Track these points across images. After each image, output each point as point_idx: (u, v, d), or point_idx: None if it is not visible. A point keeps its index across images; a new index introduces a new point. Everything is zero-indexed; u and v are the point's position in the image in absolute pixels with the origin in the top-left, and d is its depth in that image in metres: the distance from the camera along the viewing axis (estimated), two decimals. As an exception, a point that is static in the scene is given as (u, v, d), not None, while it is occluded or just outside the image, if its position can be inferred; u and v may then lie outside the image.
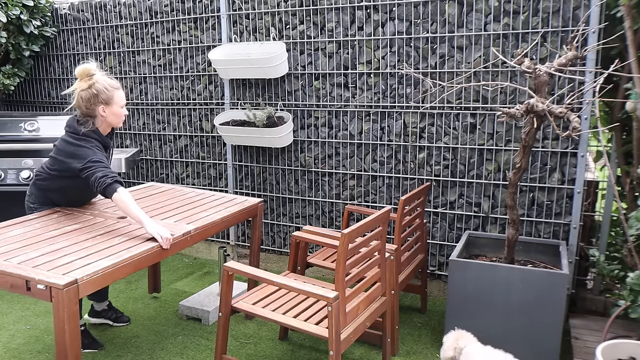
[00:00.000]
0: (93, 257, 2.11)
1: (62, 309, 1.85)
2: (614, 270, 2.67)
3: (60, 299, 1.84)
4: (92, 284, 1.97)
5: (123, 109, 2.64)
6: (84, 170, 2.46)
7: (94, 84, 2.53)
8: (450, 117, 3.27)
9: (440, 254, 3.46)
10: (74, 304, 1.89)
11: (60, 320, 1.87)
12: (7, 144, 3.78)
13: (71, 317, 1.88)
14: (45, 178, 2.67)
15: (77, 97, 2.56)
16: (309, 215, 3.84)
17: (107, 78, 2.61)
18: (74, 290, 1.88)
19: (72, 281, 1.87)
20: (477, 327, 2.37)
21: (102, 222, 2.61)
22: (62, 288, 1.84)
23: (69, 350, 1.89)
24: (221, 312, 2.44)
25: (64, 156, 2.56)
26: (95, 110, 2.56)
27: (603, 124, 3.04)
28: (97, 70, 2.59)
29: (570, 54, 2.40)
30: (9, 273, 1.94)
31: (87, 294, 1.97)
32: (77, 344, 1.93)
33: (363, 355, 2.84)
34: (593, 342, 2.63)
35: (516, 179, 2.62)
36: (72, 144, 2.55)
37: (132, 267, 2.18)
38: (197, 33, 4.03)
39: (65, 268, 1.98)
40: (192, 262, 4.27)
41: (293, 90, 3.74)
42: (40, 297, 1.89)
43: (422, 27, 3.26)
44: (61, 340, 1.89)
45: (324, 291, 2.20)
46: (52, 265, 2.02)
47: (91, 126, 2.57)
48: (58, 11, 4.65)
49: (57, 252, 2.16)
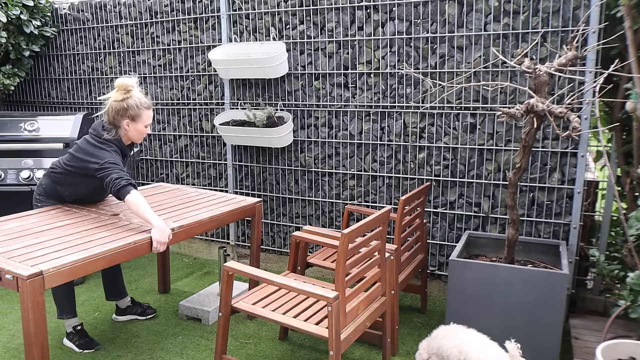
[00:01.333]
0: (67, 251, 2.17)
1: (26, 298, 1.93)
2: (614, 270, 2.67)
3: (24, 289, 1.92)
4: (59, 276, 2.04)
5: (147, 128, 2.75)
6: (100, 170, 2.56)
7: (127, 99, 2.65)
8: (450, 117, 3.27)
9: (440, 254, 3.46)
10: (39, 294, 1.96)
11: (25, 309, 1.94)
12: (7, 144, 3.78)
13: (35, 307, 1.95)
14: (61, 172, 2.75)
15: (109, 106, 2.68)
16: (309, 215, 3.84)
17: (142, 95, 2.71)
18: (39, 281, 1.96)
19: (37, 272, 1.95)
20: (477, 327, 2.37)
21: (94, 218, 2.67)
22: (25, 279, 1.92)
23: (34, 340, 1.98)
24: (221, 312, 2.44)
25: (82, 154, 2.65)
26: (120, 122, 2.68)
27: (603, 124, 3.04)
28: (135, 86, 2.70)
29: (570, 54, 2.40)
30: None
31: (53, 285, 2.03)
32: (42, 333, 2.01)
33: (363, 355, 2.84)
34: (593, 342, 2.63)
35: (516, 179, 2.62)
36: (93, 145, 2.66)
37: (104, 261, 2.24)
38: (197, 33, 4.03)
39: (37, 260, 2.06)
40: (192, 262, 4.28)
41: (293, 90, 3.74)
42: (9, 286, 1.97)
43: (422, 27, 3.26)
44: (27, 329, 1.97)
45: (324, 291, 2.20)
46: (27, 257, 2.09)
47: (114, 135, 2.69)
48: (58, 11, 4.65)
49: (38, 245, 2.23)
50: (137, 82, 2.74)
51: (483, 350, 2.12)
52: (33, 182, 3.70)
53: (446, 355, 2.21)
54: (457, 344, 2.19)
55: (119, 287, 3.23)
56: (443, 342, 2.25)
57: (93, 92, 4.67)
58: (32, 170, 3.73)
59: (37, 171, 3.73)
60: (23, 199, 3.69)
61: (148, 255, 4.39)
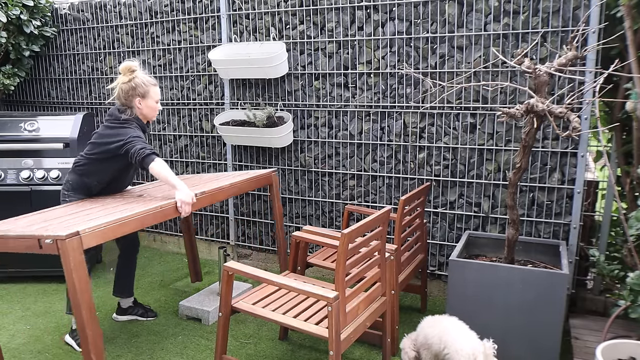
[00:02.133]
0: (103, 219, 2.27)
1: (68, 258, 2.00)
2: (614, 270, 2.67)
3: (64, 249, 2.00)
4: (95, 236, 2.13)
5: (158, 103, 2.87)
6: (125, 145, 2.66)
7: (133, 79, 2.76)
8: (450, 117, 3.27)
9: (440, 254, 3.46)
10: (79, 253, 2.04)
11: (68, 269, 2.01)
12: (7, 144, 3.78)
13: (78, 266, 2.03)
14: (84, 163, 2.84)
15: (118, 89, 2.79)
16: (309, 215, 3.84)
17: (146, 75, 2.84)
18: (77, 241, 2.04)
19: (74, 232, 2.04)
20: (477, 327, 2.37)
21: (122, 199, 2.78)
22: (64, 238, 1.99)
23: (80, 298, 2.02)
24: (221, 312, 2.44)
25: (104, 138, 2.76)
26: (132, 101, 2.78)
27: (603, 124, 3.04)
28: (138, 67, 2.82)
29: (570, 54, 2.40)
30: (23, 236, 2.14)
31: (90, 245, 2.10)
32: (88, 292, 2.06)
33: (363, 355, 2.84)
34: (593, 342, 2.63)
35: (516, 179, 2.62)
36: (114, 127, 2.76)
37: (135, 223, 2.34)
38: (197, 33, 4.03)
39: (73, 227, 2.14)
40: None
41: (293, 90, 3.74)
42: (49, 251, 2.05)
43: (422, 27, 3.26)
44: (72, 289, 2.02)
45: (324, 291, 2.20)
46: (65, 225, 2.20)
47: (130, 114, 2.79)
48: (58, 11, 4.65)
49: (73, 220, 2.33)
50: (140, 64, 2.85)
51: (461, 339, 2.25)
52: (33, 182, 3.71)
53: (430, 343, 2.35)
54: (438, 332, 2.33)
55: (128, 284, 3.24)
56: (428, 331, 2.39)
57: (93, 92, 4.67)
58: (32, 170, 3.73)
59: (37, 171, 3.73)
60: (23, 199, 3.69)
61: (148, 255, 4.39)
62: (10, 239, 2.18)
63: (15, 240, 2.17)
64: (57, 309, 3.42)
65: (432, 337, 2.36)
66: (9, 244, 2.19)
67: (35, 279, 3.86)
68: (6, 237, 2.19)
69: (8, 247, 2.20)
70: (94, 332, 2.06)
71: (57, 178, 3.72)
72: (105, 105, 4.62)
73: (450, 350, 2.25)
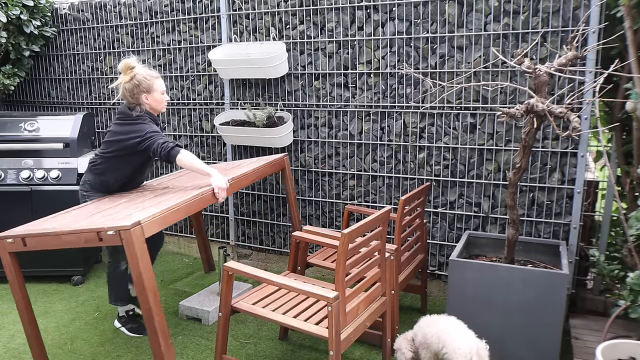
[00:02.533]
0: (150, 210, 2.36)
1: (132, 247, 2.10)
2: (614, 270, 2.67)
3: (129, 238, 2.09)
4: (153, 224, 2.23)
5: (164, 95, 2.89)
6: (145, 141, 2.69)
7: (135, 76, 2.76)
8: (450, 117, 3.27)
9: (440, 254, 3.46)
10: (142, 242, 2.13)
11: (133, 257, 2.10)
12: (7, 144, 3.78)
13: (142, 254, 2.12)
14: (101, 162, 2.88)
15: (122, 89, 2.80)
16: (309, 215, 3.84)
17: (146, 68, 2.83)
18: (140, 230, 2.13)
19: (136, 222, 2.13)
20: (477, 327, 2.37)
21: (149, 192, 2.87)
22: (129, 228, 2.08)
23: (146, 284, 2.11)
24: (221, 312, 2.44)
25: (120, 135, 2.78)
26: (139, 98, 2.80)
27: (603, 124, 3.04)
28: (136, 63, 2.81)
29: (570, 54, 2.40)
30: (81, 230, 2.22)
31: (151, 234, 2.19)
32: (152, 279, 2.16)
33: (363, 355, 2.84)
34: (593, 342, 2.63)
35: (516, 179, 2.62)
36: (128, 124, 2.78)
37: (184, 210, 2.46)
38: (197, 33, 4.03)
39: (128, 218, 2.24)
40: (192, 262, 4.27)
41: (293, 90, 3.74)
42: (111, 242, 2.14)
43: (422, 27, 3.26)
44: (138, 277, 2.11)
45: (324, 291, 2.20)
46: (116, 218, 2.30)
47: (140, 111, 2.81)
48: (58, 11, 4.65)
49: (117, 214, 2.41)
50: (137, 59, 2.84)
51: (459, 338, 2.26)
52: (33, 182, 3.71)
53: (429, 342, 2.37)
54: (436, 332, 2.35)
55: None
56: (427, 330, 2.41)
57: (93, 92, 4.67)
58: (32, 170, 3.73)
59: (37, 171, 3.73)
60: (23, 199, 3.69)
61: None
62: (64, 235, 2.26)
63: (70, 235, 2.25)
64: (57, 309, 3.42)
65: (430, 337, 2.37)
66: (62, 239, 2.27)
67: (35, 279, 3.86)
68: (60, 232, 2.26)
69: (61, 242, 2.29)
70: (160, 317, 2.16)
71: (57, 178, 3.72)
72: (105, 105, 4.62)
73: (449, 349, 2.26)
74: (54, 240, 2.29)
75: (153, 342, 2.17)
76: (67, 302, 3.50)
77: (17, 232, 2.41)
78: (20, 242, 2.37)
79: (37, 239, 2.33)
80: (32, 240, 2.35)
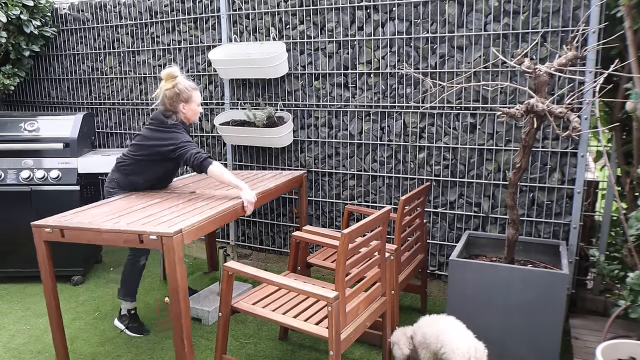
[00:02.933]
0: (186, 215, 2.50)
1: (172, 253, 2.23)
2: (614, 270, 2.66)
3: (170, 245, 2.23)
4: (192, 233, 2.37)
5: (199, 107, 3.02)
6: (178, 149, 2.82)
7: (176, 85, 2.89)
8: (450, 117, 3.26)
9: (440, 254, 3.46)
10: (180, 249, 2.28)
11: (171, 263, 2.25)
12: (7, 144, 3.78)
13: (179, 260, 2.26)
14: (130, 164, 2.98)
15: (162, 96, 2.93)
16: (309, 215, 3.84)
17: (187, 80, 2.96)
18: (180, 238, 2.27)
19: (178, 230, 2.26)
20: (477, 327, 2.37)
21: (177, 196, 2.97)
22: (172, 236, 2.22)
23: (181, 290, 2.28)
24: (221, 312, 2.44)
25: (153, 141, 2.90)
26: (177, 107, 2.92)
27: (603, 124, 3.03)
28: (179, 73, 2.93)
29: (570, 54, 2.40)
30: (123, 230, 2.32)
31: (188, 242, 2.33)
32: (185, 284, 2.31)
33: (363, 355, 2.84)
34: (593, 342, 2.63)
35: (516, 179, 2.62)
36: (163, 131, 2.89)
37: (220, 220, 2.60)
38: (197, 33, 4.03)
39: (168, 223, 2.36)
40: (192, 262, 4.27)
41: (293, 90, 3.74)
42: (151, 246, 2.28)
43: (422, 27, 3.26)
44: (174, 281, 2.26)
45: (324, 291, 2.20)
46: (156, 223, 2.39)
47: (176, 119, 2.93)
48: (58, 11, 4.65)
49: (153, 216, 2.51)
50: (180, 69, 2.95)
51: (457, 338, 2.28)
52: (33, 182, 3.70)
53: (428, 342, 2.39)
54: (435, 332, 2.37)
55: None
56: (426, 330, 2.43)
57: (93, 92, 4.67)
58: (32, 170, 3.73)
59: (37, 171, 3.73)
60: (23, 199, 3.70)
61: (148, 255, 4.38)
62: (105, 232, 2.36)
63: (111, 233, 2.35)
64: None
65: (430, 337, 2.38)
66: (102, 236, 2.37)
67: (36, 279, 3.85)
68: (102, 230, 2.36)
69: (100, 239, 2.40)
70: (186, 319, 2.31)
71: (57, 178, 3.72)
72: (105, 105, 4.62)
73: (447, 349, 2.27)
74: (94, 236, 2.39)
75: (178, 343, 2.31)
76: (67, 302, 3.50)
77: (54, 223, 2.50)
78: (58, 232, 2.47)
79: (77, 232, 2.43)
80: (70, 232, 2.44)
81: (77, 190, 3.72)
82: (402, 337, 2.54)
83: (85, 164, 3.78)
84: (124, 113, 4.55)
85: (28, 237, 2.43)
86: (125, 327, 3.10)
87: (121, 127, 4.60)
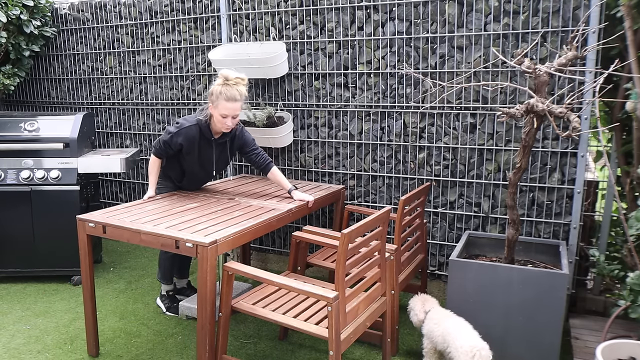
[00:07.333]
0: (223, 225, 2.57)
1: (205, 262, 2.31)
2: (614, 270, 2.67)
3: (204, 254, 2.31)
4: (226, 245, 2.43)
5: (226, 119, 2.87)
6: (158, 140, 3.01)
7: (217, 85, 2.89)
8: (450, 117, 3.27)
9: (440, 254, 3.46)
10: (214, 259, 2.35)
11: (203, 271, 2.32)
12: (7, 144, 3.78)
13: (211, 270, 2.33)
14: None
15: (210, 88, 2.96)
16: (309, 215, 3.84)
17: (231, 89, 2.84)
18: (215, 248, 2.34)
19: (213, 241, 2.34)
20: (477, 327, 2.37)
21: (216, 201, 3.04)
22: (207, 245, 2.30)
23: (209, 297, 2.34)
24: (221, 312, 2.44)
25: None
26: (209, 104, 2.95)
27: (603, 124, 3.04)
28: (233, 78, 2.86)
29: (570, 54, 2.40)
30: (161, 235, 2.42)
31: (222, 252, 2.40)
32: (214, 291, 2.37)
33: (363, 355, 2.84)
34: (593, 342, 2.63)
35: (516, 179, 2.62)
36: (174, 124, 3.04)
37: (253, 233, 2.63)
38: (197, 33, 4.03)
39: (204, 232, 2.44)
40: (193, 262, 4.27)
41: (293, 90, 3.74)
42: (186, 252, 2.36)
43: (422, 27, 3.26)
44: (204, 287, 2.33)
45: (324, 291, 2.20)
46: (193, 230, 2.47)
47: (205, 115, 2.97)
48: (58, 11, 4.65)
49: (191, 222, 2.60)
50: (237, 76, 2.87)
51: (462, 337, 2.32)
52: (33, 182, 3.70)
53: (435, 340, 2.47)
54: (442, 332, 2.43)
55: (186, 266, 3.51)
56: (434, 327, 2.49)
57: (93, 92, 4.67)
58: (32, 170, 3.73)
59: (37, 171, 3.73)
60: (23, 199, 3.69)
61: (148, 255, 4.39)
62: (144, 234, 2.46)
63: (150, 235, 2.45)
64: (57, 308, 3.42)
65: (437, 337, 2.46)
66: (140, 237, 2.47)
67: (35, 279, 3.87)
68: (142, 232, 2.46)
69: (138, 240, 2.48)
70: (212, 325, 2.38)
71: (57, 178, 3.72)
72: (105, 105, 4.62)
73: (452, 348, 2.32)
74: (132, 236, 2.50)
75: (200, 347, 2.39)
76: (67, 302, 3.50)
77: (98, 219, 2.62)
78: (100, 228, 2.58)
79: (118, 230, 2.54)
80: (112, 230, 2.56)
81: (77, 190, 3.72)
82: (418, 304, 2.65)
83: (85, 164, 3.78)
84: (124, 113, 4.55)
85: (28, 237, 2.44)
86: (165, 308, 3.32)
87: (121, 127, 4.60)
